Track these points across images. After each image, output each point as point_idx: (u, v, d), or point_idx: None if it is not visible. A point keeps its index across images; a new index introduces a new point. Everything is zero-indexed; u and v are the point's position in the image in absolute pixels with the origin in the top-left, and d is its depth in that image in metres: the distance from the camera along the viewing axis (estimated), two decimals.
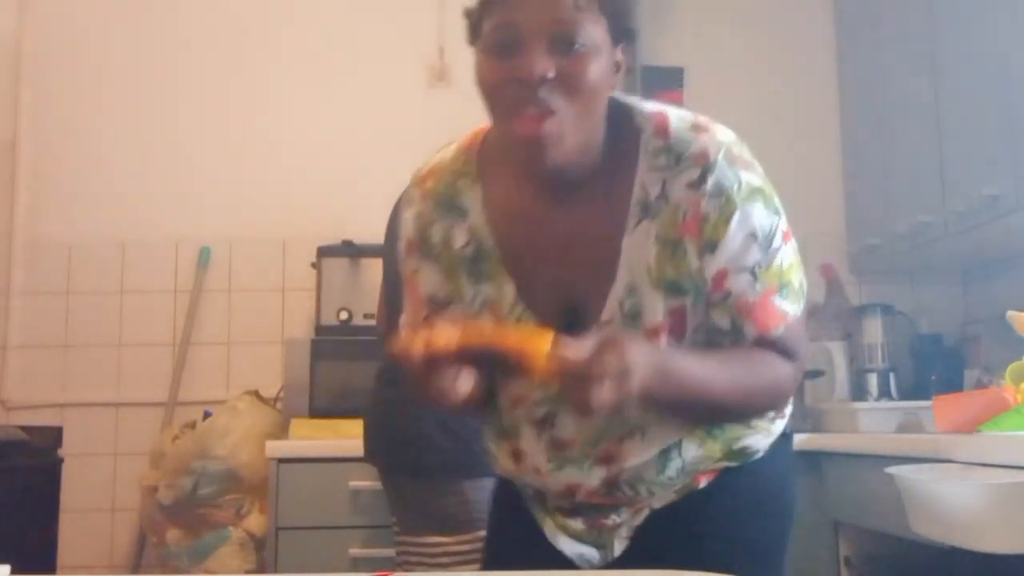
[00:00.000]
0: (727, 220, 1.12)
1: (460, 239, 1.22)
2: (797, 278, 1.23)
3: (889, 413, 2.61)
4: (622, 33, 1.15)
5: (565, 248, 1.17)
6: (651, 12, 3.15)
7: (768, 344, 1.16)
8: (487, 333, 1.06)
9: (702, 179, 1.12)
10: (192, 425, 2.71)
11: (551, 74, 1.07)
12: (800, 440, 2.41)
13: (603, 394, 0.97)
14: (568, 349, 0.98)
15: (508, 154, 1.18)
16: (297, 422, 2.60)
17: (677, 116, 1.18)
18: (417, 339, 1.03)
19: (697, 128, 1.16)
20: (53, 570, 2.48)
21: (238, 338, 3.06)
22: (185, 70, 3.18)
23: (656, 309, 1.14)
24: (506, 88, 1.09)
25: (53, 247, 3.09)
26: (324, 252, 2.83)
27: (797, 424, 2.68)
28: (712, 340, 1.16)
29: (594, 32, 1.10)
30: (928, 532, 1.71)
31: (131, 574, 2.90)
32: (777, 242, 1.18)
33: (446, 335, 1.03)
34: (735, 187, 1.13)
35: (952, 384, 2.73)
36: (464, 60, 3.40)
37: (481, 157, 1.26)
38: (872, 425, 2.55)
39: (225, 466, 2.58)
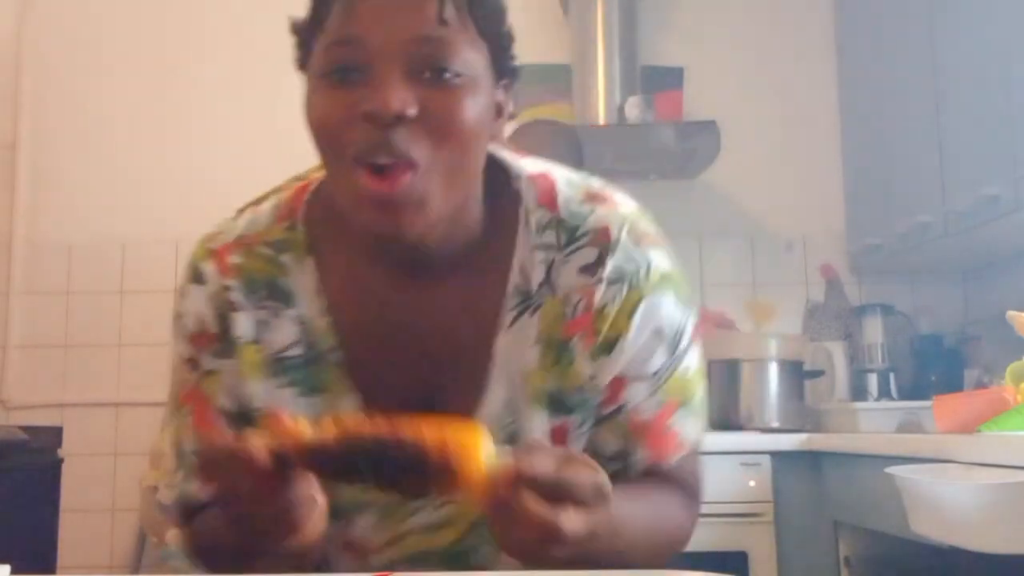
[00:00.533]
0: (630, 313, 0.88)
1: (284, 335, 0.90)
2: (701, 390, 1.01)
3: (889, 413, 2.61)
4: (506, 67, 0.89)
5: (424, 350, 0.88)
6: (651, 12, 3.16)
7: (662, 477, 0.96)
8: (382, 425, 0.72)
9: (599, 262, 0.88)
10: None
11: (412, 111, 0.78)
12: (800, 440, 2.42)
13: (575, 524, 0.70)
14: (526, 458, 0.71)
15: (350, 220, 0.84)
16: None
17: (566, 181, 0.93)
18: (262, 433, 0.73)
19: (592, 197, 0.92)
20: (53, 570, 2.48)
21: None
22: (185, 70, 3.18)
23: (536, 430, 0.88)
24: (348, 129, 0.79)
25: (53, 247, 3.09)
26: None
27: (797, 424, 2.70)
28: None
29: (471, 59, 0.82)
30: (928, 532, 1.71)
31: (131, 574, 2.90)
32: (685, 342, 0.93)
33: (310, 426, 0.73)
34: (642, 272, 0.89)
35: (952, 384, 2.73)
36: None
37: (311, 221, 0.94)
38: (872, 425, 2.55)
39: None
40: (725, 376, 2.70)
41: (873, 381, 2.80)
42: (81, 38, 3.19)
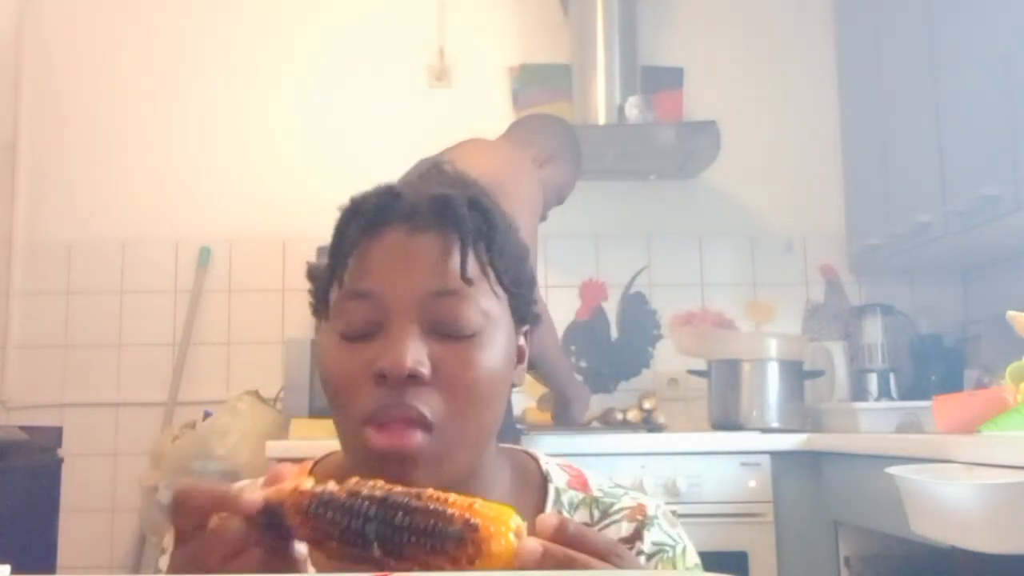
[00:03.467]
0: None
1: None
2: None
3: (889, 413, 2.60)
4: (527, 313, 0.86)
5: None
6: (651, 12, 3.16)
7: None
8: (400, 486, 0.63)
9: (636, 535, 0.87)
10: (192, 425, 2.71)
11: (425, 370, 0.76)
12: (800, 440, 2.42)
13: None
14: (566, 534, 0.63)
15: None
16: (297, 422, 2.60)
17: (595, 473, 0.93)
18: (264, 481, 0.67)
19: (622, 486, 0.92)
20: (53, 570, 2.48)
21: (238, 338, 3.06)
22: (185, 71, 3.18)
23: None
24: (360, 388, 0.77)
25: (53, 247, 3.09)
26: (324, 252, 2.82)
27: (797, 424, 2.70)
28: None
29: (490, 310, 0.80)
30: (928, 532, 1.71)
31: (131, 574, 2.90)
32: None
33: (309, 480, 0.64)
34: (678, 549, 0.88)
35: (952, 384, 2.73)
36: (464, 60, 3.41)
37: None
38: (872, 425, 2.55)
39: (225, 466, 2.58)
40: (725, 376, 2.70)
41: (873, 381, 2.80)
42: (81, 38, 3.19)
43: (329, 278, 0.83)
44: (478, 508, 0.62)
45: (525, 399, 2.77)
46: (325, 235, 0.88)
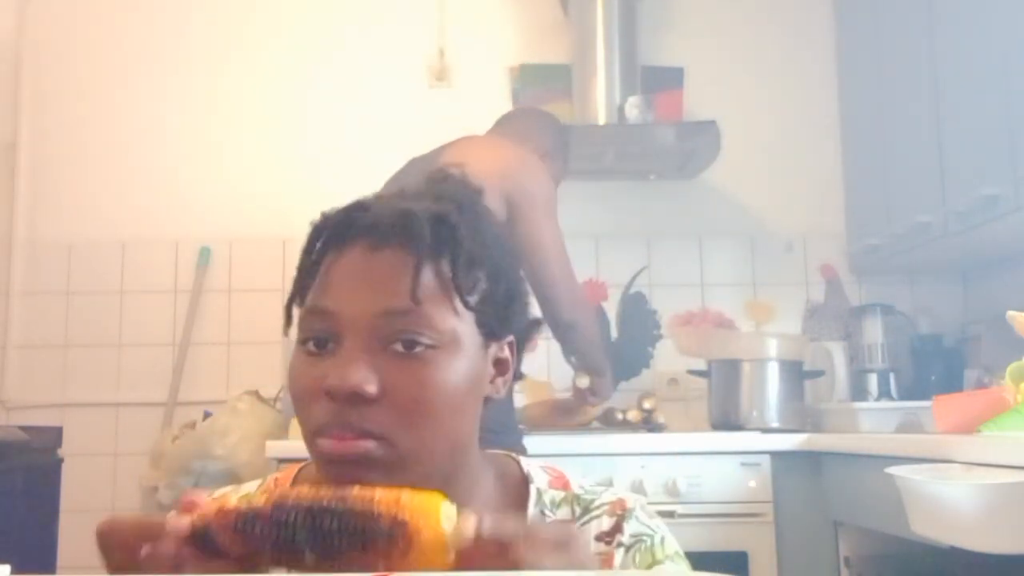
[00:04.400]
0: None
1: None
2: None
3: (889, 413, 2.60)
4: (509, 325, 0.87)
5: None
6: (651, 12, 3.16)
7: None
8: (325, 490, 0.66)
9: (616, 528, 0.89)
10: (192, 425, 2.71)
11: (371, 388, 0.77)
12: (800, 440, 2.42)
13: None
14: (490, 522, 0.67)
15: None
16: (297, 422, 2.60)
17: (576, 475, 0.96)
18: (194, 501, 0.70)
19: (602, 484, 0.96)
20: (53, 570, 2.48)
21: (238, 338, 3.06)
22: (185, 70, 3.18)
23: None
24: (313, 402, 0.80)
25: (53, 247, 3.09)
26: None
27: (797, 424, 2.70)
28: None
29: (450, 328, 0.80)
30: (928, 532, 1.71)
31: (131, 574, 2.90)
32: None
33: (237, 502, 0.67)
34: (657, 539, 0.89)
35: (952, 384, 2.73)
36: (464, 60, 3.40)
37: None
38: (872, 425, 2.55)
39: (225, 466, 2.58)
40: (725, 376, 2.70)
41: (873, 381, 2.80)
42: (81, 38, 3.19)
43: (293, 294, 0.84)
44: (404, 502, 0.62)
45: (522, 399, 2.77)
46: None
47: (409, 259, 0.81)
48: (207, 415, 2.72)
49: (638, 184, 3.14)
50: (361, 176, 3.03)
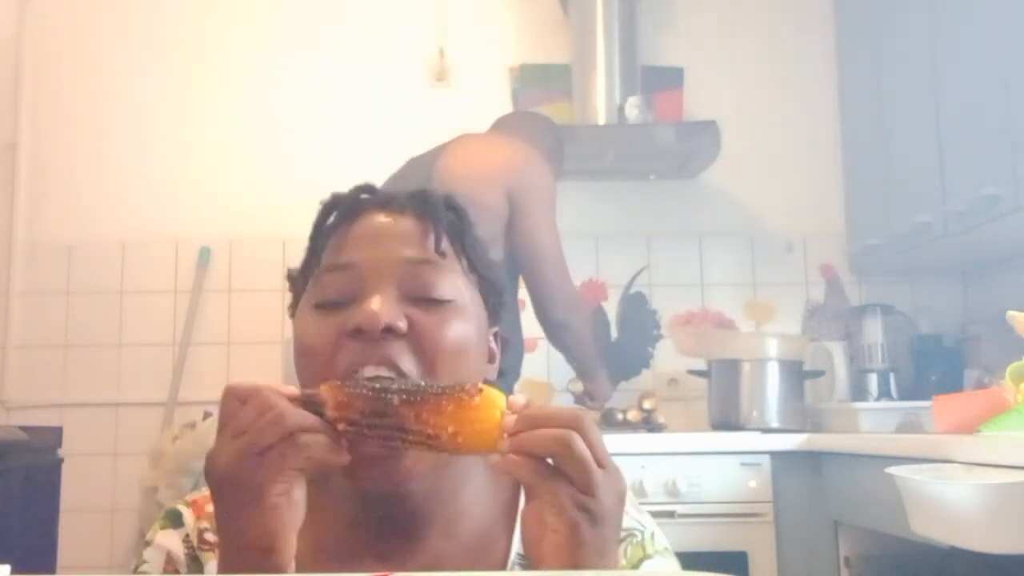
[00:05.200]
0: (634, 568, 0.87)
1: None
2: None
3: (889, 413, 2.60)
4: (496, 314, 0.90)
5: None
6: (651, 12, 3.16)
7: None
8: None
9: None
10: (192, 425, 2.71)
11: (401, 324, 0.78)
12: (800, 440, 2.42)
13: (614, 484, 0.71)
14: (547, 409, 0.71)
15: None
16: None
17: None
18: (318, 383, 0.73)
19: None
20: (53, 570, 2.48)
21: (238, 338, 3.06)
22: (185, 70, 3.18)
23: None
24: (338, 347, 0.79)
25: (53, 247, 3.09)
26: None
27: (797, 424, 2.70)
28: None
29: (462, 286, 0.84)
30: (928, 532, 1.71)
31: (131, 574, 2.90)
32: None
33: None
34: (647, 534, 0.90)
35: (952, 384, 2.73)
36: (464, 60, 3.40)
37: None
38: (872, 425, 2.55)
39: None
40: (725, 376, 2.70)
41: (873, 381, 2.80)
42: (81, 38, 3.19)
43: (308, 259, 0.86)
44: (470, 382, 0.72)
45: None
46: None
47: (428, 222, 0.85)
48: (207, 415, 2.72)
49: (638, 184, 3.14)
50: (361, 176, 3.03)
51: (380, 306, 0.78)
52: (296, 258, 0.92)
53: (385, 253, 0.82)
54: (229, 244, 3.10)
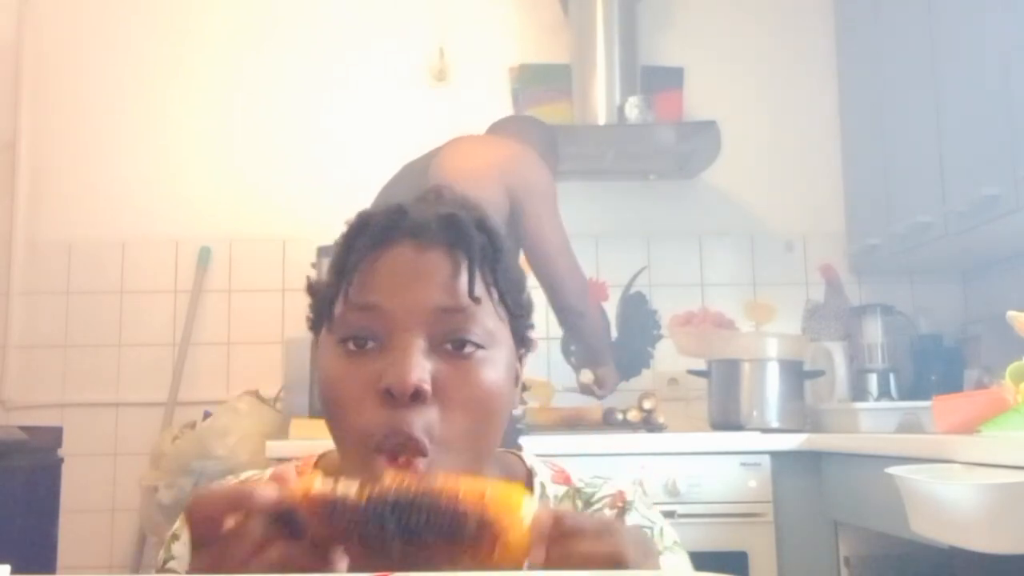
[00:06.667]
0: None
1: None
2: None
3: (889, 413, 2.60)
4: (524, 337, 0.87)
5: None
6: (651, 12, 3.16)
7: None
8: (411, 479, 0.65)
9: (619, 519, 0.90)
10: (192, 425, 2.70)
11: (427, 387, 0.75)
12: (800, 440, 2.42)
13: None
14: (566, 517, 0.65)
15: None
16: (297, 422, 2.60)
17: (576, 469, 0.96)
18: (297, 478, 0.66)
19: (600, 476, 0.96)
20: (53, 570, 2.48)
21: (238, 338, 3.06)
22: (185, 71, 3.18)
23: None
24: (365, 407, 0.77)
25: (53, 247, 3.09)
26: (324, 252, 2.83)
27: (797, 424, 2.70)
28: None
29: (493, 328, 0.80)
30: (928, 532, 1.71)
31: (131, 574, 2.90)
32: None
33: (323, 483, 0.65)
34: (656, 530, 0.91)
35: (952, 384, 2.73)
36: (464, 60, 3.40)
37: None
38: (872, 425, 2.55)
39: (225, 466, 2.57)
40: (725, 376, 2.70)
41: (873, 381, 2.80)
42: (81, 38, 3.19)
43: (335, 292, 0.81)
44: (489, 499, 0.62)
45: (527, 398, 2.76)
46: (325, 235, 0.89)
47: (460, 259, 0.80)
48: (207, 415, 2.72)
49: (638, 184, 3.15)
50: (361, 176, 3.05)
51: (410, 366, 0.75)
52: (296, 258, 0.92)
53: (416, 298, 0.78)
54: (229, 244, 3.10)
